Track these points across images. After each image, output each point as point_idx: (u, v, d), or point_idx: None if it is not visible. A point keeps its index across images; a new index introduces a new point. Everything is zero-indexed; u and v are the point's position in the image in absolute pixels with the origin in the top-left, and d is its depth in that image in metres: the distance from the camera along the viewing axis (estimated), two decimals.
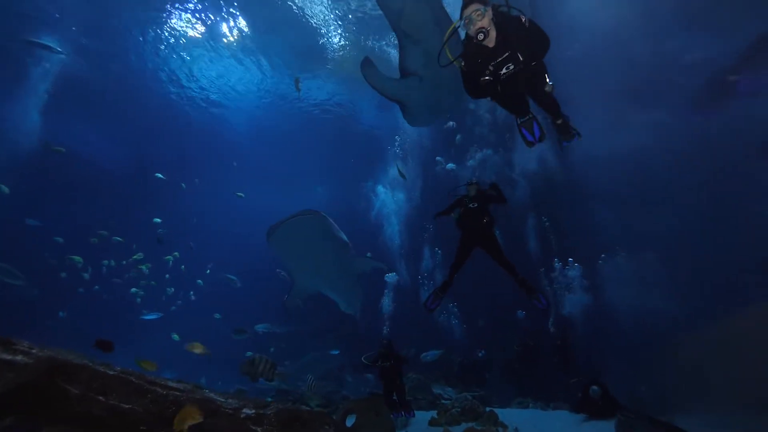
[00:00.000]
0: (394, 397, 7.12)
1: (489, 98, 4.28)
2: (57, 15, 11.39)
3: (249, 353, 5.17)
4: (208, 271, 15.97)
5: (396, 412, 6.96)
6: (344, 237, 8.04)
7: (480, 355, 11.41)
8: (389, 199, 15.87)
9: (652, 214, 10.96)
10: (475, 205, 5.92)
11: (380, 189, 16.69)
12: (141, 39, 12.46)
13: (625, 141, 11.02)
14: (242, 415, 3.41)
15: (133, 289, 14.38)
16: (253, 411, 3.51)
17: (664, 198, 10.94)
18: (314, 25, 12.52)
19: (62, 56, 12.37)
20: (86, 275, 14.06)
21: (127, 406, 2.74)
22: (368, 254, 10.50)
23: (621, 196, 11.54)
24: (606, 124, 10.95)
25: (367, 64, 7.96)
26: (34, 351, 2.62)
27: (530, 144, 4.28)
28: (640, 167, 11.13)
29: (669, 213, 10.75)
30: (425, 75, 7.85)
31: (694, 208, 10.46)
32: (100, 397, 2.61)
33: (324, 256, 7.96)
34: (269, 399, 7.24)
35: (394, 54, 13.11)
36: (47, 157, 14.23)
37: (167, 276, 15.19)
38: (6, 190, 11.83)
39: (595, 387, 7.09)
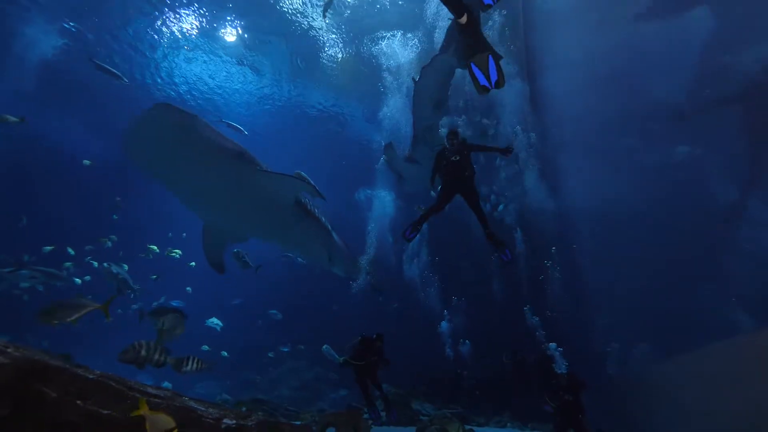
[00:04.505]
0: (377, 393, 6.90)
1: None
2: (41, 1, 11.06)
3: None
4: (193, 263, 15.35)
5: (374, 413, 6.77)
6: (232, 144, 5.92)
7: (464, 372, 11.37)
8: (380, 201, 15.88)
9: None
10: (457, 158, 5.95)
11: (368, 192, 16.75)
12: (131, 32, 12.22)
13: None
14: (223, 426, 3.31)
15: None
16: (234, 422, 3.42)
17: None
18: (308, 31, 12.72)
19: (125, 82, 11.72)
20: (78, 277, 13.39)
21: (105, 412, 2.62)
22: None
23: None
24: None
25: (389, 148, 11.40)
26: (9, 350, 2.50)
27: (484, 90, 3.47)
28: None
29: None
30: (425, 164, 10.47)
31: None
32: (78, 402, 2.49)
33: (203, 171, 5.62)
34: (243, 409, 7.04)
35: (380, 57, 13.62)
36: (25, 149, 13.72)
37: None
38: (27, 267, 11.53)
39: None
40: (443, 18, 10.70)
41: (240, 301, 17.09)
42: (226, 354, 13.49)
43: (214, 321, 13.51)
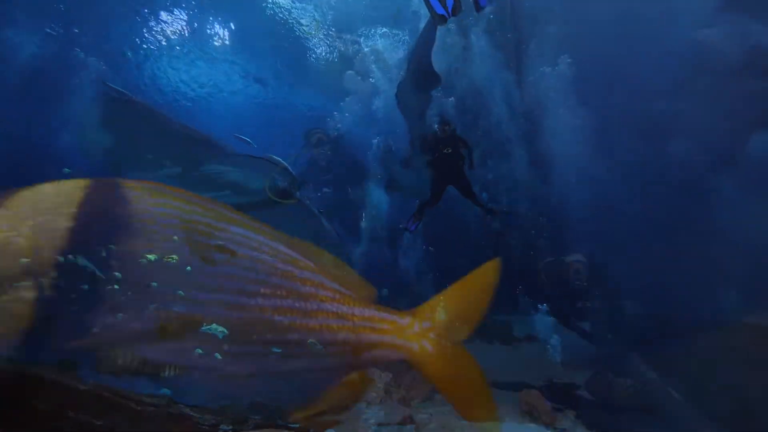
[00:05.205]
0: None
1: None
2: None
3: None
4: (189, 268, 15.32)
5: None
6: (186, 128, 5.58)
7: None
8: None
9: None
10: (449, 150, 5.98)
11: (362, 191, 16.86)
12: (114, 36, 12.09)
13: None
14: None
15: None
16: (231, 427, 3.39)
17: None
18: (295, 30, 12.71)
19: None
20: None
21: (99, 423, 2.59)
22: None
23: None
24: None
25: (388, 152, 11.63)
26: None
27: (441, 20, 3.14)
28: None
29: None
30: (422, 171, 10.49)
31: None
32: (71, 414, 2.46)
33: (161, 158, 5.52)
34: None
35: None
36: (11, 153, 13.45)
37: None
38: None
39: None
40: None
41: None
42: (219, 357, 13.40)
43: (218, 328, 13.43)
